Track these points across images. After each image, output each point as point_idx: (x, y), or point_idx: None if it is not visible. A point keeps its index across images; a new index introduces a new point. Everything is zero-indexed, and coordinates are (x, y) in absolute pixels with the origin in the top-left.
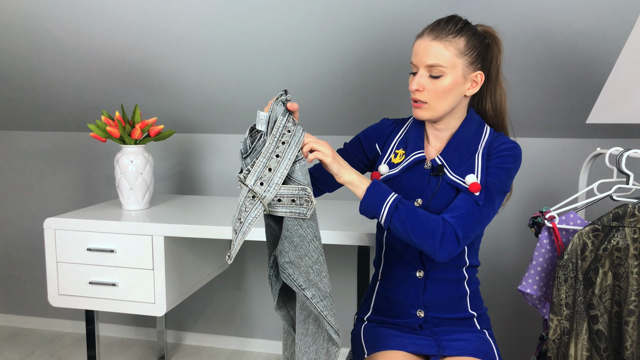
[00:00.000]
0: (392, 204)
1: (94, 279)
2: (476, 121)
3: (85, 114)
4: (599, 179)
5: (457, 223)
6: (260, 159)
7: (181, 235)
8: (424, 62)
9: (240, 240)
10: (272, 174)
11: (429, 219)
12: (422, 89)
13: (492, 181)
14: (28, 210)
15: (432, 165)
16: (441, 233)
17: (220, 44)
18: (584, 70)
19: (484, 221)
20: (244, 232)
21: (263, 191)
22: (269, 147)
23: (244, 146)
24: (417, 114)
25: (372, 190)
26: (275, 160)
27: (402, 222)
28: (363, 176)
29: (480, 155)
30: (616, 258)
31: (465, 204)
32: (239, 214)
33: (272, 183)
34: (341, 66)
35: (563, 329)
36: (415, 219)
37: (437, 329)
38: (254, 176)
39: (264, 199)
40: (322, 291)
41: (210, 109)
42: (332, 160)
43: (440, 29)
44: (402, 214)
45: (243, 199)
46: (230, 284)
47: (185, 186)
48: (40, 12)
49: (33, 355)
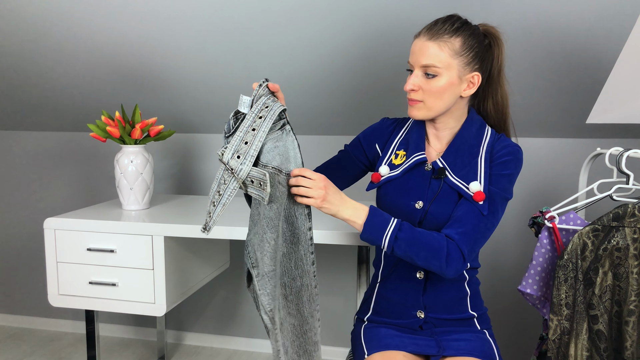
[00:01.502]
0: (391, 235)
1: (94, 279)
2: (477, 122)
3: (85, 114)
4: (599, 179)
5: (462, 239)
6: (237, 133)
7: (181, 235)
8: (419, 62)
9: (220, 211)
10: (248, 146)
11: (431, 240)
12: (417, 88)
13: (495, 191)
14: (28, 210)
15: (433, 167)
16: (446, 253)
17: (220, 44)
18: (584, 70)
19: (488, 234)
20: (224, 203)
21: (240, 164)
22: (246, 122)
23: (227, 126)
24: (411, 112)
25: (368, 224)
26: (252, 134)
27: (404, 250)
28: (358, 207)
29: (482, 159)
30: (616, 258)
31: (471, 217)
32: (217, 187)
33: (247, 155)
34: (341, 66)
35: (563, 329)
36: (418, 244)
37: (437, 329)
38: (231, 150)
39: (240, 171)
40: (261, 269)
41: (210, 109)
42: (321, 205)
43: (437, 28)
44: (403, 243)
45: (222, 172)
46: (230, 284)
47: (185, 186)
48: (40, 13)
49: (33, 355)
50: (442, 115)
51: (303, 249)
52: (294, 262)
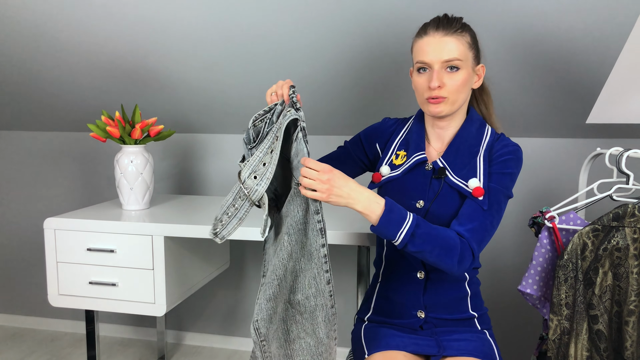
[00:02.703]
0: (407, 232)
1: (94, 279)
2: (477, 122)
3: (85, 114)
4: (599, 179)
5: (472, 237)
6: (256, 153)
7: (181, 235)
8: (440, 57)
9: (236, 224)
10: (265, 168)
11: (446, 238)
12: (443, 85)
13: (497, 188)
14: (28, 210)
15: (433, 167)
16: (460, 251)
17: (220, 44)
18: (584, 71)
19: (493, 231)
20: (240, 217)
21: (255, 184)
22: (266, 143)
23: (246, 136)
24: (436, 110)
25: (385, 220)
26: (269, 156)
27: (418, 247)
28: (372, 198)
29: (481, 157)
30: (616, 258)
31: (478, 215)
32: (233, 200)
33: (263, 177)
34: (341, 66)
35: (563, 329)
36: (433, 242)
37: (437, 330)
38: (249, 169)
39: (255, 192)
40: (265, 278)
41: (210, 109)
42: (328, 200)
43: (448, 25)
44: (419, 240)
45: (239, 188)
46: (230, 284)
47: (185, 186)
48: (40, 13)
49: (33, 355)
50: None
51: (316, 267)
52: (307, 280)
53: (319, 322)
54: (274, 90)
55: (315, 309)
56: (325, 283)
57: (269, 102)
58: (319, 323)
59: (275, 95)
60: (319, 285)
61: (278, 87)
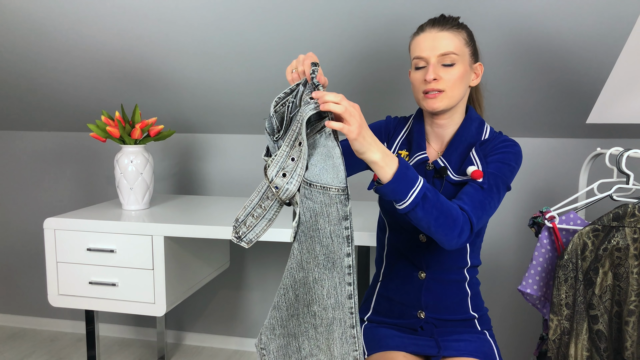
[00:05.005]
0: (419, 192)
1: (94, 279)
2: (476, 121)
3: (85, 114)
4: (599, 179)
5: (472, 211)
6: (283, 147)
7: (181, 235)
8: (436, 51)
9: (265, 226)
10: (295, 164)
11: (451, 208)
12: (439, 78)
13: (496, 174)
14: (28, 210)
15: (434, 167)
16: (461, 224)
17: (220, 44)
18: (584, 71)
19: (491, 212)
20: (270, 218)
21: (286, 183)
22: (292, 134)
23: (268, 124)
24: (432, 104)
25: (400, 175)
26: (298, 149)
27: (425, 212)
28: (388, 152)
29: (474, 149)
30: (616, 258)
31: (478, 194)
32: (259, 200)
33: (294, 174)
34: (341, 66)
35: (563, 329)
36: (439, 209)
37: (437, 330)
38: (277, 167)
39: (286, 191)
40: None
41: (210, 109)
42: (356, 137)
43: (444, 22)
44: (428, 204)
45: (266, 187)
46: (230, 284)
47: (185, 186)
48: (40, 13)
49: (33, 355)
50: (450, 109)
51: (338, 276)
52: (326, 289)
53: (334, 339)
54: (294, 66)
55: (333, 323)
56: (346, 297)
57: (290, 82)
58: (334, 339)
59: (297, 73)
60: (339, 297)
61: (299, 63)
